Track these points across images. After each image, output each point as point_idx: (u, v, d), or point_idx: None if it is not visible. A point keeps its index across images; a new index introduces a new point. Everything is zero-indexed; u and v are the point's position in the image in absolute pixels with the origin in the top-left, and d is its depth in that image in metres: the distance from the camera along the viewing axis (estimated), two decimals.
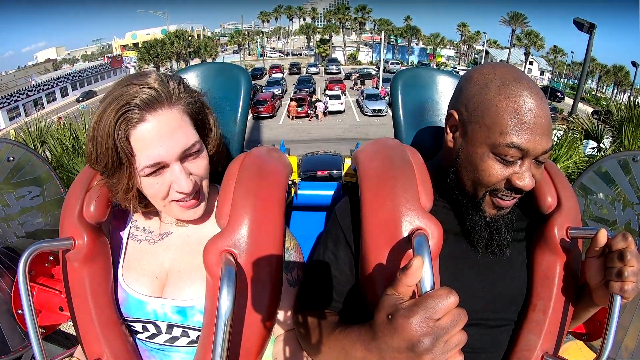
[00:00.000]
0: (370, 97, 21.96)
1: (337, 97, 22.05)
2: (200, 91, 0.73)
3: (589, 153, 4.23)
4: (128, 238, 0.79)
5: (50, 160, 3.75)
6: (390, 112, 1.04)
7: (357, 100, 23.46)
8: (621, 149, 3.85)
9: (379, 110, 20.31)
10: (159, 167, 0.65)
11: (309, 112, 20.40)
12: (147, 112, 0.62)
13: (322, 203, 1.15)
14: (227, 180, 0.69)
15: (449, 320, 0.45)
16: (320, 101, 21.42)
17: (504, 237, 0.72)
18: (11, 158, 0.99)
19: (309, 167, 9.34)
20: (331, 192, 1.14)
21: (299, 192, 1.13)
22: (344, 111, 21.34)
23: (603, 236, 0.63)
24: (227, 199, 0.67)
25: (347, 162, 1.10)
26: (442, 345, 0.45)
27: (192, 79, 0.99)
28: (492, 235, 0.71)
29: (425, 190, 0.67)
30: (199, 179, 0.70)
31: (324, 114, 20.48)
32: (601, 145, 4.20)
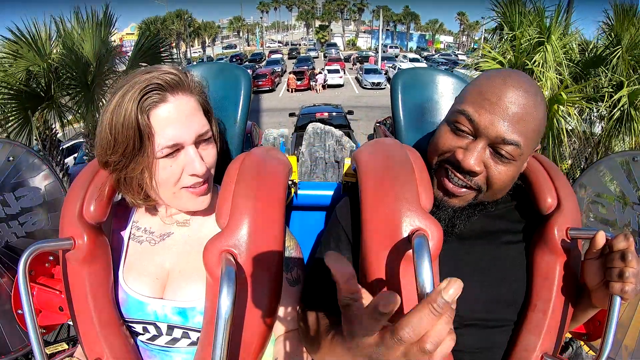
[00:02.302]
0: (369, 71, 22.18)
1: (336, 71, 22.24)
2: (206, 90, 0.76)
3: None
4: (129, 239, 0.79)
5: None
6: (389, 85, 1.06)
7: (356, 77, 23.80)
8: (613, 34, 4.21)
9: (378, 83, 20.53)
10: (175, 149, 0.67)
11: (310, 83, 20.58)
12: (169, 93, 0.66)
13: (322, 203, 1.15)
14: (227, 180, 0.69)
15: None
16: (320, 73, 21.53)
17: (447, 227, 0.71)
18: (11, 158, 0.98)
19: (308, 112, 9.36)
20: (331, 192, 1.14)
21: (299, 192, 1.12)
22: (342, 85, 21.55)
23: (601, 238, 0.63)
24: (227, 199, 0.67)
25: (347, 162, 1.10)
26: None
27: None
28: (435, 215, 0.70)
29: (425, 190, 0.67)
30: (210, 166, 0.73)
31: (323, 87, 20.54)
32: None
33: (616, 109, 4.26)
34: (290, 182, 0.98)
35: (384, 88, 19.97)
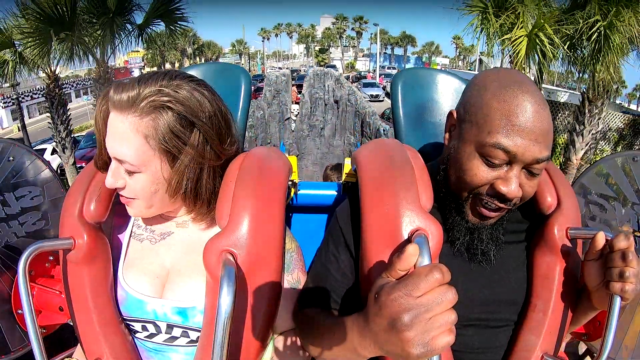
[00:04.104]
0: (367, 85, 23.34)
1: None
2: (199, 133, 0.66)
3: None
4: (130, 237, 0.79)
5: None
6: (387, 99, 1.06)
7: None
8: None
9: (376, 96, 21.48)
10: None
11: None
12: (111, 105, 0.65)
13: (322, 203, 1.15)
14: (227, 180, 0.69)
15: (430, 297, 0.43)
16: None
17: (487, 248, 0.70)
18: (11, 158, 0.98)
19: None
20: (331, 193, 1.14)
21: (299, 192, 1.12)
22: None
23: (601, 238, 0.63)
24: (227, 199, 0.67)
25: (347, 163, 1.10)
26: (425, 324, 0.42)
27: None
28: (472, 242, 0.70)
29: (425, 190, 0.67)
30: (130, 191, 0.68)
31: None
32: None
33: (593, 30, 4.98)
34: (290, 182, 0.98)
35: (382, 100, 20.80)
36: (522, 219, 0.78)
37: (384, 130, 5.45)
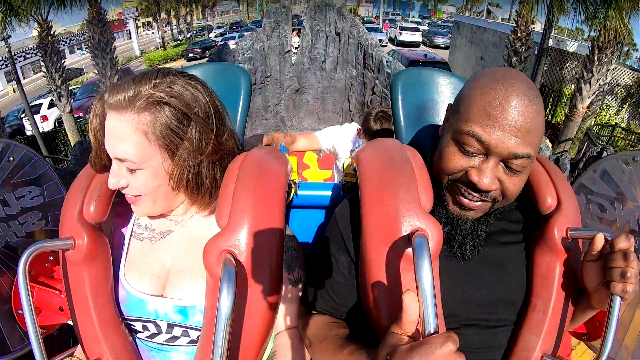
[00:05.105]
0: (370, 30, 23.11)
1: None
2: (194, 132, 0.67)
3: None
4: (130, 236, 0.79)
5: None
6: (390, 44, 1.04)
7: None
8: None
9: (380, 41, 21.37)
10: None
11: None
12: (108, 107, 0.66)
13: (322, 203, 1.15)
14: (227, 180, 0.69)
15: None
16: None
17: (464, 241, 0.70)
18: (11, 158, 0.98)
19: None
20: (331, 193, 1.14)
21: (299, 192, 1.12)
22: None
23: (601, 239, 0.63)
24: (227, 199, 0.67)
25: (347, 162, 1.10)
26: None
27: None
28: (451, 233, 0.70)
29: (425, 190, 0.67)
30: (134, 189, 0.69)
31: None
32: None
33: None
34: (290, 182, 0.98)
35: (386, 45, 20.64)
36: (522, 219, 0.78)
37: (387, 62, 4.92)
